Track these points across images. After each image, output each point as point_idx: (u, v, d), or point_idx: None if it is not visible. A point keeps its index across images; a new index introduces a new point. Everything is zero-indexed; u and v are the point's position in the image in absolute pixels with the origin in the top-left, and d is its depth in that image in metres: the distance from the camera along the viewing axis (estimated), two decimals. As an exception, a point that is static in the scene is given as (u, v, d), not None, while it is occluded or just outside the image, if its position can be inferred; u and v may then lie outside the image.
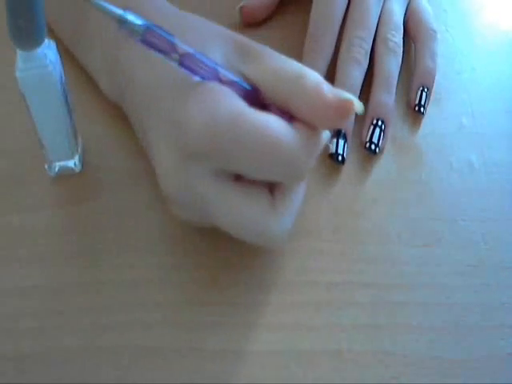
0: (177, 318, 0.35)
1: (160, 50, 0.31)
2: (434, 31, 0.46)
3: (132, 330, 0.35)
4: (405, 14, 0.46)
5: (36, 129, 0.37)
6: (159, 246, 0.38)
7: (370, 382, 0.34)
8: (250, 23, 0.48)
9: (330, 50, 0.44)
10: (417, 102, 0.44)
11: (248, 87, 0.33)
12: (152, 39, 0.30)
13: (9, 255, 0.37)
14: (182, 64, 0.31)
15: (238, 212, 0.32)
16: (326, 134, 0.34)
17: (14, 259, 0.37)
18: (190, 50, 0.31)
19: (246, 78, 0.34)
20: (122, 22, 0.29)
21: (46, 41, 0.33)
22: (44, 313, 0.35)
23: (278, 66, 0.33)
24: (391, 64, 0.43)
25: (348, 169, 0.41)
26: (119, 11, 0.29)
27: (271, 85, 0.33)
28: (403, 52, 0.45)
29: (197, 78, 0.32)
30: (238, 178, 0.33)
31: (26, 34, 0.32)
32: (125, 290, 0.36)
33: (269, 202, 0.33)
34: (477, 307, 0.37)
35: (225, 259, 0.37)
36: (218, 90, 0.32)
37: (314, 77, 0.33)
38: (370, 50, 0.43)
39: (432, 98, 0.45)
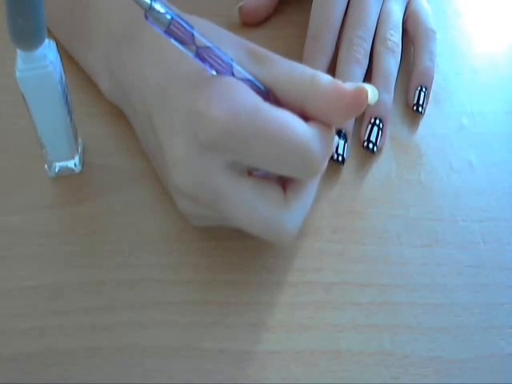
0: (177, 317, 0.35)
1: (180, 41, 0.31)
2: (433, 31, 0.46)
3: (132, 329, 0.35)
4: (404, 13, 0.46)
5: (36, 129, 0.37)
6: (159, 246, 0.38)
7: (370, 382, 0.34)
8: (249, 23, 0.48)
9: (330, 49, 0.44)
10: (415, 101, 0.44)
11: (261, 87, 0.34)
12: (174, 30, 0.30)
13: (9, 255, 0.37)
14: (198, 56, 0.31)
15: (252, 206, 0.33)
16: (335, 139, 0.35)
17: (14, 259, 0.37)
18: (208, 44, 0.31)
19: (259, 81, 0.34)
20: (150, 10, 0.29)
21: (46, 41, 0.33)
22: (44, 313, 0.35)
23: (290, 68, 0.34)
24: (390, 63, 0.43)
25: (348, 169, 0.41)
26: (147, 1, 0.29)
27: (285, 87, 0.34)
28: (402, 52, 0.45)
29: (211, 72, 0.32)
30: (250, 174, 0.33)
31: (26, 34, 0.32)
32: (125, 290, 0.36)
33: (282, 197, 0.34)
34: (477, 307, 0.37)
35: (225, 259, 0.37)
36: (236, 84, 0.32)
37: (327, 76, 0.34)
38: (369, 50, 0.43)
39: (432, 98, 0.45)
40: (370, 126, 0.42)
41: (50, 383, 0.33)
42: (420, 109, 0.44)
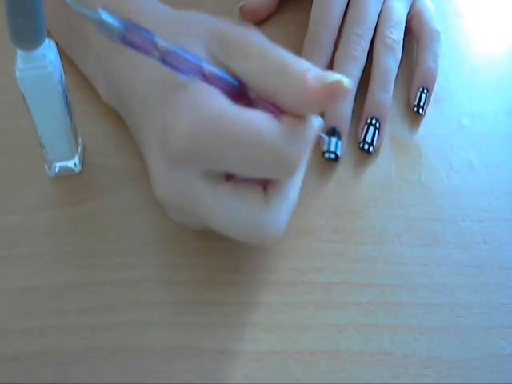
0: (176, 317, 0.35)
1: (141, 50, 0.30)
2: (438, 32, 0.46)
3: (132, 329, 0.35)
4: (409, 12, 0.46)
5: (36, 129, 0.37)
6: (159, 246, 0.38)
7: (370, 382, 0.34)
8: (250, 23, 0.48)
9: (328, 49, 0.43)
10: (416, 102, 0.44)
11: (234, 82, 0.33)
12: (132, 38, 0.29)
13: (9, 255, 0.37)
14: (163, 61, 0.31)
15: (231, 211, 0.32)
16: (318, 122, 0.33)
17: (14, 259, 0.37)
18: (172, 48, 0.31)
19: (231, 73, 0.33)
20: (100, 24, 0.28)
21: (46, 41, 0.33)
22: (44, 313, 0.35)
23: (262, 59, 0.33)
24: (388, 61, 0.43)
25: (347, 169, 0.41)
26: (96, 13, 0.28)
27: (257, 78, 0.33)
28: (404, 51, 0.44)
29: (181, 75, 0.31)
30: (230, 177, 0.33)
31: (26, 34, 0.32)
32: (125, 289, 0.36)
33: (261, 198, 0.33)
34: (477, 307, 0.37)
35: (224, 259, 0.37)
36: (201, 90, 0.31)
37: (298, 65, 0.32)
38: (368, 48, 0.43)
39: (432, 98, 0.45)
40: (366, 126, 0.42)
41: (49, 383, 0.33)
42: (420, 110, 0.44)
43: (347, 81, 0.31)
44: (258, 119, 0.31)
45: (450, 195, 0.41)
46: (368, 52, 0.43)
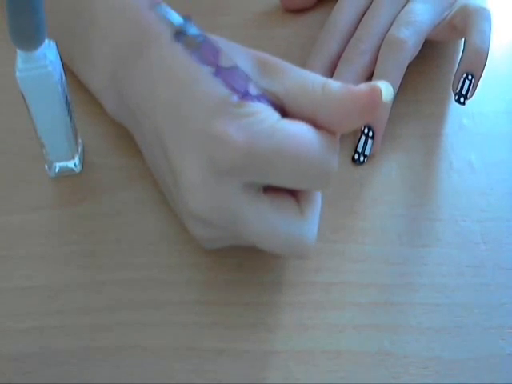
0: (176, 317, 0.35)
1: (204, 62, 0.30)
2: (484, 9, 0.41)
3: (132, 330, 0.35)
4: (444, 18, 0.43)
5: (36, 129, 0.37)
6: (159, 246, 0.38)
7: (370, 382, 0.34)
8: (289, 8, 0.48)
9: (326, 55, 0.43)
10: (457, 90, 0.41)
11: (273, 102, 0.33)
12: (203, 52, 0.29)
13: (9, 255, 0.37)
14: (216, 74, 0.30)
15: (272, 224, 0.32)
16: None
17: (14, 259, 0.37)
18: (232, 64, 0.31)
19: (269, 94, 0.33)
20: (181, 33, 0.28)
21: (46, 41, 0.33)
22: (44, 313, 0.35)
23: (301, 78, 0.33)
24: (386, 63, 0.41)
25: (348, 169, 0.41)
26: (180, 20, 0.28)
27: (297, 98, 0.33)
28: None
29: (232, 91, 0.31)
30: (265, 189, 0.33)
31: (26, 34, 0.32)
32: (125, 289, 0.36)
33: (298, 210, 0.33)
34: (477, 307, 0.37)
35: (224, 259, 0.37)
36: (254, 106, 0.31)
37: (337, 82, 0.33)
38: (368, 49, 0.42)
39: (435, 97, 0.45)
40: (359, 135, 0.41)
41: (49, 383, 0.33)
42: (461, 99, 0.41)
43: (386, 89, 0.31)
44: (307, 132, 0.31)
45: (450, 195, 0.41)
46: None
